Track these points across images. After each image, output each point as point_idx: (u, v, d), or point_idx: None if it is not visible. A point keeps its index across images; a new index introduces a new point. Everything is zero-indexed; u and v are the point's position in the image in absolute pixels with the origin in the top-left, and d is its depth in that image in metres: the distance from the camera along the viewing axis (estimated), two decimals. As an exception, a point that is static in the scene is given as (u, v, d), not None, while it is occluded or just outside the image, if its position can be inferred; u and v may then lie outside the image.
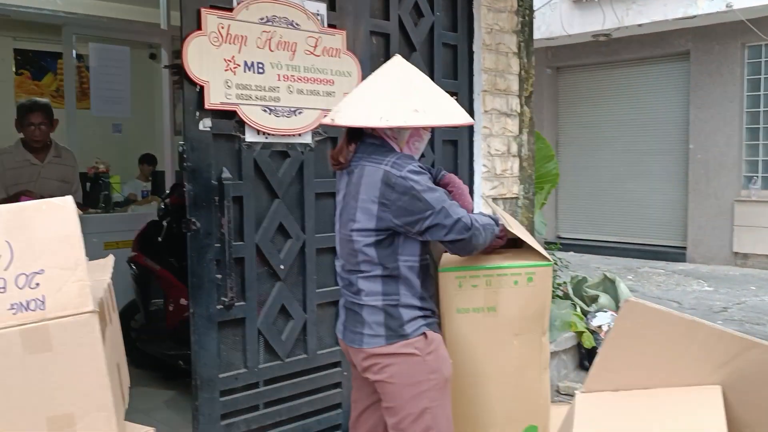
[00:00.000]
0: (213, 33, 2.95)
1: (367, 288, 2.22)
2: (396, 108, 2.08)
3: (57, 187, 4.02)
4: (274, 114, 3.16)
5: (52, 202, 1.63)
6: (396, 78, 2.19)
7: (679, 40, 9.73)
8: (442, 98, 2.23)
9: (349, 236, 2.21)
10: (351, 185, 2.22)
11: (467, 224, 2.15)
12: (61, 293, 1.60)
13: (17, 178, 4.02)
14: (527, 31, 4.35)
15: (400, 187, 2.09)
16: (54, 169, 4.15)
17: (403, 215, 2.11)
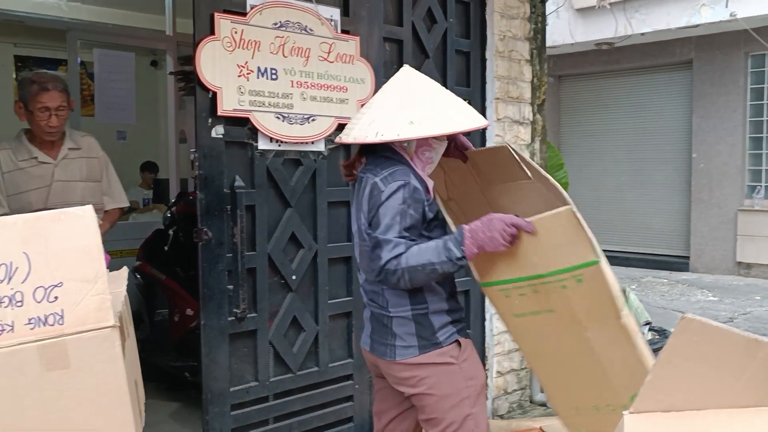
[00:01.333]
0: (226, 38, 2.89)
1: (393, 299, 2.16)
2: (393, 121, 2.06)
3: (82, 190, 3.10)
4: (287, 121, 3.09)
5: (71, 212, 1.56)
6: (399, 90, 2.16)
7: (682, 49, 9.71)
8: (449, 106, 2.15)
9: (362, 245, 2.18)
10: (356, 197, 2.22)
11: (387, 268, 2.03)
12: (80, 307, 1.52)
13: (21, 185, 2.97)
14: (540, 39, 4.29)
15: (375, 200, 2.07)
16: (73, 167, 3.11)
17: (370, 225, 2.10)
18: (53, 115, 2.97)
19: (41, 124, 2.97)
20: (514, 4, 4.13)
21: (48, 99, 2.95)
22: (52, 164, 3.05)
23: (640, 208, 10.38)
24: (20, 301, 1.48)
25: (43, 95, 2.94)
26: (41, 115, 2.95)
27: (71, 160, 3.10)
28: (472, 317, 4.00)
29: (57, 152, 3.08)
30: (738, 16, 8.42)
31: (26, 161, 3.00)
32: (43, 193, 2.96)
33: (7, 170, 2.97)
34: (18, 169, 2.97)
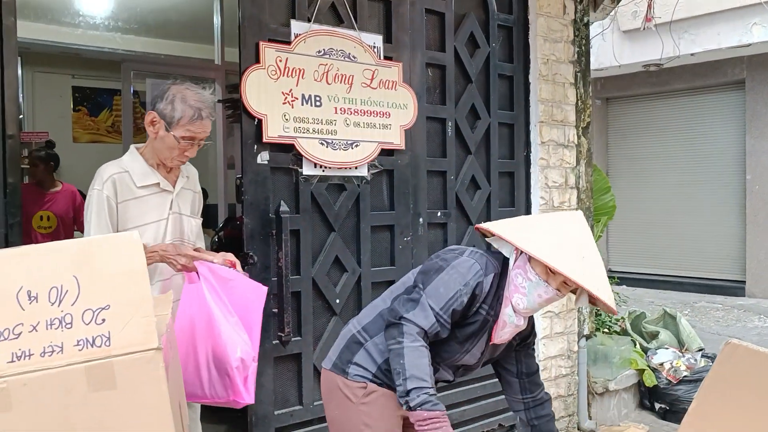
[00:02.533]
0: (271, 66, 2.95)
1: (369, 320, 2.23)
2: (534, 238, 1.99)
3: (191, 227, 2.61)
4: (331, 147, 3.14)
5: (118, 237, 1.61)
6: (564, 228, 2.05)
7: (733, 69, 9.50)
8: (596, 266, 1.97)
9: None
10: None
11: (406, 326, 1.94)
12: (126, 329, 1.55)
13: (137, 217, 2.41)
14: (584, 61, 4.27)
15: (448, 258, 2.08)
16: (186, 199, 2.60)
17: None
18: (194, 146, 2.44)
19: (176, 154, 2.42)
20: (558, 28, 4.13)
21: (199, 128, 2.41)
22: (171, 193, 2.50)
23: (692, 232, 10.11)
24: (69, 323, 1.53)
25: (195, 124, 2.38)
26: (183, 144, 2.39)
27: (184, 191, 2.58)
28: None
29: (175, 179, 2.53)
30: (791, 34, 8.22)
31: (145, 188, 2.43)
32: (160, 228, 2.44)
33: (124, 199, 2.39)
34: (136, 198, 2.40)
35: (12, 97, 2.40)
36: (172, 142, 2.37)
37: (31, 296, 1.51)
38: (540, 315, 3.98)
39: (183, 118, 2.36)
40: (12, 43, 2.41)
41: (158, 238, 2.43)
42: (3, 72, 2.37)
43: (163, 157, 2.44)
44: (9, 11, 2.40)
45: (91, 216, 2.34)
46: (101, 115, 8.25)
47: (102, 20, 5.29)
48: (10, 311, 1.50)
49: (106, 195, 2.34)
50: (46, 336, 1.51)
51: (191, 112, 2.36)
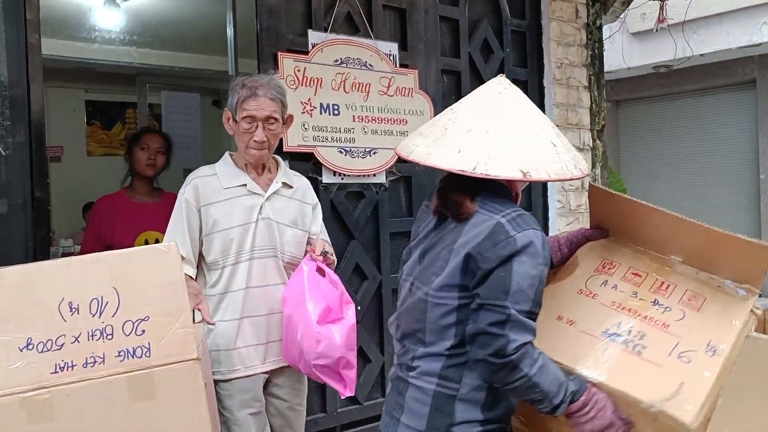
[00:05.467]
0: (290, 76, 2.99)
1: (423, 365, 1.66)
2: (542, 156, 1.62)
3: (289, 237, 2.40)
4: (349, 155, 3.16)
5: (156, 248, 1.64)
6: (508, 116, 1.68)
7: (744, 68, 9.48)
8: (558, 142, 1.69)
9: (425, 293, 1.67)
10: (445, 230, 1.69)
11: (504, 349, 1.51)
12: (165, 340, 1.59)
13: (223, 220, 2.30)
14: (597, 65, 4.28)
15: (501, 249, 1.55)
16: (283, 206, 2.40)
17: (485, 277, 1.56)
18: (260, 128, 2.27)
19: (247, 140, 2.29)
20: (570, 32, 4.14)
21: (254, 106, 2.26)
22: (261, 196, 2.34)
23: (707, 232, 10.07)
24: (110, 335, 1.56)
25: (249, 102, 2.26)
26: (246, 126, 2.27)
27: (282, 197, 2.41)
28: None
29: (268, 183, 2.40)
30: (802, 32, 8.20)
31: (232, 189, 2.33)
32: (247, 232, 2.30)
33: (207, 203, 2.31)
34: (222, 200, 2.31)
35: (38, 112, 2.43)
36: (238, 128, 2.30)
37: (72, 308, 1.55)
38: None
39: (239, 100, 2.28)
40: (37, 60, 2.45)
41: (245, 242, 2.30)
42: (29, 88, 2.40)
43: (242, 150, 2.34)
44: (33, 29, 2.43)
45: (171, 219, 2.33)
46: (114, 128, 8.31)
47: (117, 35, 5.34)
48: (52, 323, 1.54)
49: (185, 198, 2.31)
50: (88, 347, 1.55)
51: (245, 92, 2.27)
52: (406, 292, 1.76)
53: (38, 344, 1.52)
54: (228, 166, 2.38)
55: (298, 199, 2.46)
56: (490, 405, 1.62)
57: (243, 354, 2.29)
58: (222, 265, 2.30)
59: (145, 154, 3.20)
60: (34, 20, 2.43)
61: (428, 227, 1.75)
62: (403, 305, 1.76)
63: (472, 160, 1.56)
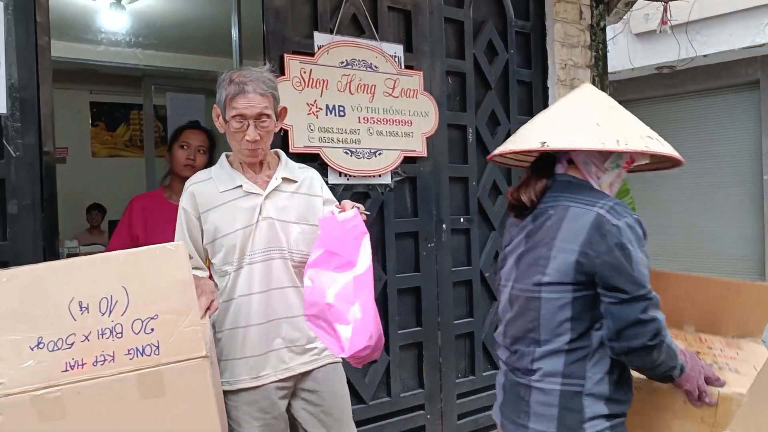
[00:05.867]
0: (296, 78, 3.00)
1: (546, 365, 1.69)
2: (630, 132, 1.70)
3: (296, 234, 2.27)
4: (355, 156, 3.18)
5: (165, 248, 1.65)
6: (603, 103, 1.81)
7: (747, 69, 9.48)
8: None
9: (533, 293, 1.71)
10: (538, 232, 1.73)
11: (660, 329, 1.59)
12: (174, 338, 1.60)
13: (225, 224, 2.21)
14: (601, 66, 4.29)
15: (612, 238, 1.59)
16: (286, 203, 2.28)
17: (608, 271, 1.60)
18: (252, 126, 2.14)
19: (239, 139, 2.17)
20: (574, 33, 4.16)
21: (244, 103, 2.12)
22: (260, 196, 2.23)
23: (710, 234, 10.07)
24: (120, 333, 1.58)
25: (238, 99, 2.12)
26: (237, 126, 2.14)
27: (284, 194, 2.28)
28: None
29: (266, 181, 2.27)
30: (805, 32, 8.20)
31: (229, 192, 2.23)
32: (248, 235, 2.19)
33: (205, 209, 2.23)
34: (221, 205, 2.22)
35: (47, 114, 2.45)
36: (228, 127, 2.17)
37: (82, 307, 1.57)
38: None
39: (227, 96, 2.14)
40: (46, 63, 2.47)
41: (246, 246, 2.19)
42: (39, 90, 2.42)
43: (235, 150, 2.23)
44: (44, 31, 2.45)
45: (175, 230, 2.27)
46: (119, 129, 8.35)
47: (122, 36, 5.37)
48: (62, 322, 1.56)
49: (183, 207, 2.25)
50: (98, 345, 1.57)
51: (234, 88, 2.12)
52: (506, 298, 1.82)
53: (49, 343, 1.54)
54: (223, 169, 2.27)
55: (304, 192, 2.31)
56: (612, 398, 1.65)
57: (250, 363, 2.18)
58: (227, 272, 2.21)
59: (184, 152, 3.01)
60: (44, 23, 2.45)
61: (521, 232, 1.80)
62: (509, 311, 1.80)
63: (610, 138, 1.65)
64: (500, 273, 1.89)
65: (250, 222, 2.19)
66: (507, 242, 1.89)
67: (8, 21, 2.35)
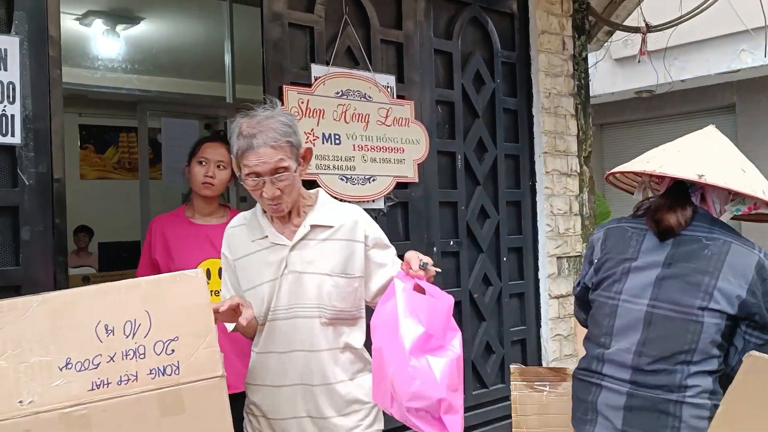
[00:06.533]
0: (294, 108, 3.14)
1: (702, 383, 1.80)
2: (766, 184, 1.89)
3: (330, 288, 2.02)
4: (350, 182, 3.31)
5: (184, 274, 1.76)
6: (737, 152, 2.03)
7: (723, 94, 9.78)
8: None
9: (694, 316, 1.82)
10: (695, 258, 1.85)
11: None
12: (193, 359, 1.71)
13: (255, 276, 2.06)
14: (583, 94, 4.48)
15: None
16: (316, 253, 2.03)
17: (765, 312, 1.80)
18: (268, 184, 1.92)
19: (255, 195, 1.99)
20: (558, 63, 4.34)
21: (253, 160, 1.90)
22: (286, 247, 2.02)
23: (689, 253, 10.29)
24: (143, 354, 1.68)
25: (247, 156, 1.91)
26: (252, 184, 1.95)
27: (315, 242, 2.03)
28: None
29: (293, 231, 2.04)
30: (778, 59, 8.48)
31: (257, 242, 2.06)
32: (272, 290, 2.02)
33: (237, 257, 2.09)
34: (250, 254, 2.06)
35: (58, 143, 2.56)
36: (246, 185, 1.96)
37: (108, 330, 1.67)
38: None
39: (238, 152, 1.93)
40: (58, 94, 2.58)
41: (271, 301, 2.03)
42: (51, 120, 2.54)
43: (260, 204, 2.05)
44: (56, 64, 2.57)
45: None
46: (107, 152, 8.43)
47: (117, 63, 5.49)
48: (89, 344, 1.66)
49: (223, 251, 2.14)
50: (122, 366, 1.67)
51: (243, 143, 1.91)
52: (640, 316, 1.88)
53: (76, 363, 1.64)
54: (254, 215, 2.10)
55: (341, 238, 2.03)
56: None
57: (274, 426, 2.07)
58: (257, 325, 2.08)
59: (202, 169, 2.74)
60: (56, 57, 2.57)
61: (656, 253, 1.90)
62: (645, 330, 1.86)
63: (757, 186, 1.87)
64: (615, 287, 1.94)
65: (275, 276, 2.01)
66: (618, 256, 1.96)
67: (23, 55, 2.47)
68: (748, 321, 1.81)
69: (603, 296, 1.98)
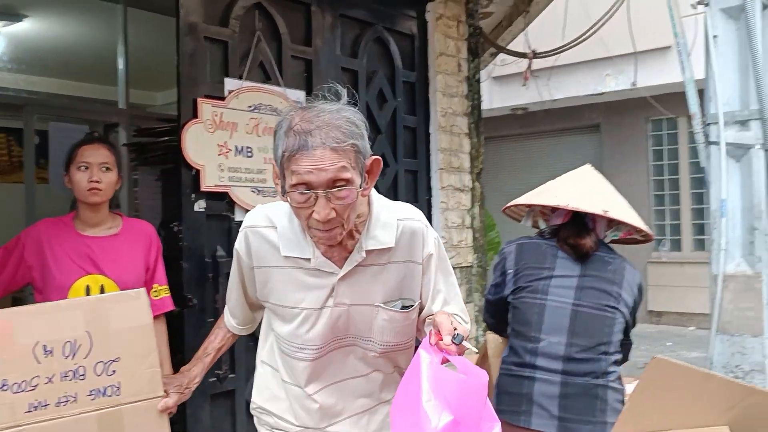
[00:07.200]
0: (208, 120, 3.15)
1: (617, 370, 2.19)
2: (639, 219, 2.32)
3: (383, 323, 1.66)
4: (261, 194, 3.36)
5: (126, 294, 1.77)
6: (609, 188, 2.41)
7: (590, 114, 10.54)
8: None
9: (609, 313, 2.18)
10: (603, 272, 2.22)
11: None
12: (134, 379, 1.72)
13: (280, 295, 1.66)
14: (476, 114, 4.74)
15: (640, 299, 2.28)
16: (371, 281, 1.64)
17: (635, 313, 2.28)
18: (322, 200, 1.44)
19: (301, 215, 1.50)
20: (454, 84, 4.58)
21: (306, 165, 1.43)
22: (334, 275, 1.60)
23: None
24: (83, 375, 1.67)
25: (298, 159, 1.43)
26: (300, 200, 1.46)
27: (370, 269, 1.62)
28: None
29: (345, 255, 1.60)
30: (639, 85, 9.27)
31: (295, 259, 1.61)
32: (309, 322, 1.63)
33: (260, 265, 1.66)
34: (282, 267, 1.63)
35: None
36: (289, 200, 1.48)
37: (46, 350, 1.66)
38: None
39: (284, 154, 1.45)
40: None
41: (306, 335, 1.63)
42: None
43: (303, 228, 1.56)
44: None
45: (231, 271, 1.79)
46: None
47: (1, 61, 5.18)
48: (27, 365, 1.64)
49: (236, 249, 1.71)
50: (61, 387, 1.66)
51: (293, 141, 1.43)
52: (566, 312, 2.17)
53: (13, 385, 1.61)
54: (292, 225, 1.60)
55: (399, 260, 1.62)
56: None
57: None
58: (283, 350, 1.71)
59: (84, 175, 2.41)
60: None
61: (571, 268, 2.23)
62: (571, 324, 2.16)
63: (641, 221, 2.32)
64: (541, 290, 2.21)
65: (316, 305, 1.61)
66: (537, 267, 2.26)
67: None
68: (628, 322, 2.25)
69: (529, 298, 2.24)
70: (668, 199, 10.10)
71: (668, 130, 10.05)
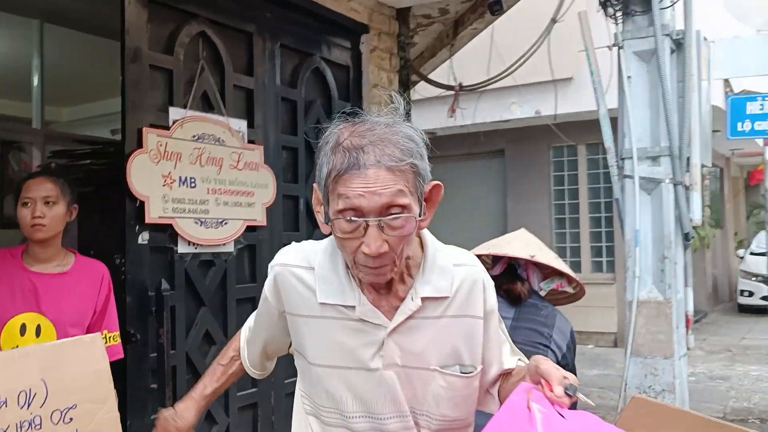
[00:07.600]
0: (153, 150, 3.09)
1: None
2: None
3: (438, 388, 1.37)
4: (204, 225, 3.32)
5: (82, 340, 1.74)
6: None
7: (495, 140, 10.97)
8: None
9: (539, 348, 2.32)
10: (535, 315, 2.36)
11: None
12: (93, 426, 1.69)
13: (315, 348, 1.40)
14: (406, 144, 4.86)
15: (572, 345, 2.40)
16: (428, 338, 1.36)
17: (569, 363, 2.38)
18: (373, 229, 1.22)
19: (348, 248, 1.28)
20: (385, 114, 4.68)
21: (356, 187, 1.22)
22: (383, 329, 1.35)
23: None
24: (39, 425, 1.62)
25: (347, 179, 1.23)
26: (347, 229, 1.25)
27: (425, 322, 1.37)
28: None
29: (396, 304, 1.36)
30: (542, 113, 9.76)
31: (336, 307, 1.36)
32: (352, 382, 1.36)
33: (293, 312, 1.42)
34: (318, 317, 1.39)
35: None
36: (334, 228, 1.27)
37: (0, 401, 1.60)
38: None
39: (331, 174, 1.25)
40: None
41: (346, 401, 1.37)
42: None
43: (348, 263, 1.33)
44: None
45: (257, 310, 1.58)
46: None
47: None
48: (-19, 416, 1.57)
49: (265, 293, 1.50)
50: (17, 438, 1.60)
51: (342, 159, 1.23)
52: None
53: (-33, 438, 1.55)
54: (333, 266, 1.37)
55: (456, 314, 1.38)
56: None
57: None
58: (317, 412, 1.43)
59: (27, 211, 2.33)
60: None
61: (506, 309, 2.32)
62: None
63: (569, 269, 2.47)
64: None
65: (361, 365, 1.34)
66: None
67: None
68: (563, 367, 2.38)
69: None
70: (569, 222, 10.63)
71: (569, 156, 10.60)
